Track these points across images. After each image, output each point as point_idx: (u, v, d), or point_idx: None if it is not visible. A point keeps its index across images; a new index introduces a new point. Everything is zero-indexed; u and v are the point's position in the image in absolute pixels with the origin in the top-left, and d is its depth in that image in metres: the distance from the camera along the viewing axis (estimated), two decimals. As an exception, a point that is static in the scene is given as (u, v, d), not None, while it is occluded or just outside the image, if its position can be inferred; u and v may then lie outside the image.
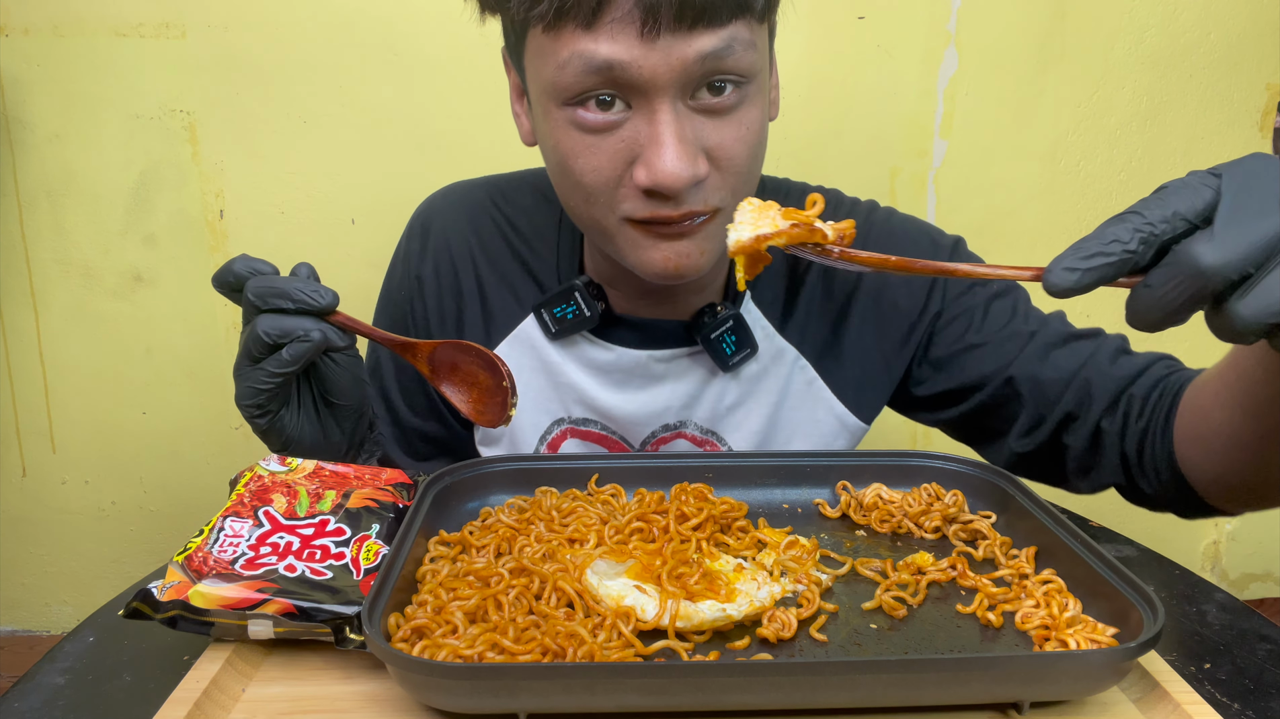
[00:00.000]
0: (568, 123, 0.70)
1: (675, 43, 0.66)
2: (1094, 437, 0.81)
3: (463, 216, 0.93)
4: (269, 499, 0.66)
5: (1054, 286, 0.45)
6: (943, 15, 1.67)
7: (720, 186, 0.72)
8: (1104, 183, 1.79)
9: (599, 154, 0.71)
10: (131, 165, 1.67)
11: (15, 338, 1.76)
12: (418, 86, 1.63)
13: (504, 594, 0.59)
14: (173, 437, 1.81)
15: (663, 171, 0.68)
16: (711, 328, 0.84)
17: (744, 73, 0.69)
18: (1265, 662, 0.62)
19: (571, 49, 0.67)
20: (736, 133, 0.71)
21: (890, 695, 0.52)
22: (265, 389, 0.69)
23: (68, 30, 1.60)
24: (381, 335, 0.74)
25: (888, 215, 0.92)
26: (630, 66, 0.66)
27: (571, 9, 0.65)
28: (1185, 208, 0.45)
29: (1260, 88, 1.77)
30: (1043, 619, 0.59)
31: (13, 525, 1.86)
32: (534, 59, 0.71)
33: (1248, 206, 0.44)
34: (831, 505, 0.76)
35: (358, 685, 0.57)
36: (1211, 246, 0.43)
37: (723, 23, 0.66)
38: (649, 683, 0.50)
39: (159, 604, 0.57)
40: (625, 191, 0.72)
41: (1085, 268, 0.45)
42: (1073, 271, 0.45)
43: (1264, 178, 0.45)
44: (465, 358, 0.74)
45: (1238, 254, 0.43)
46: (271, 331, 0.67)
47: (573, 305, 0.85)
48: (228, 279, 0.70)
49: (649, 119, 0.69)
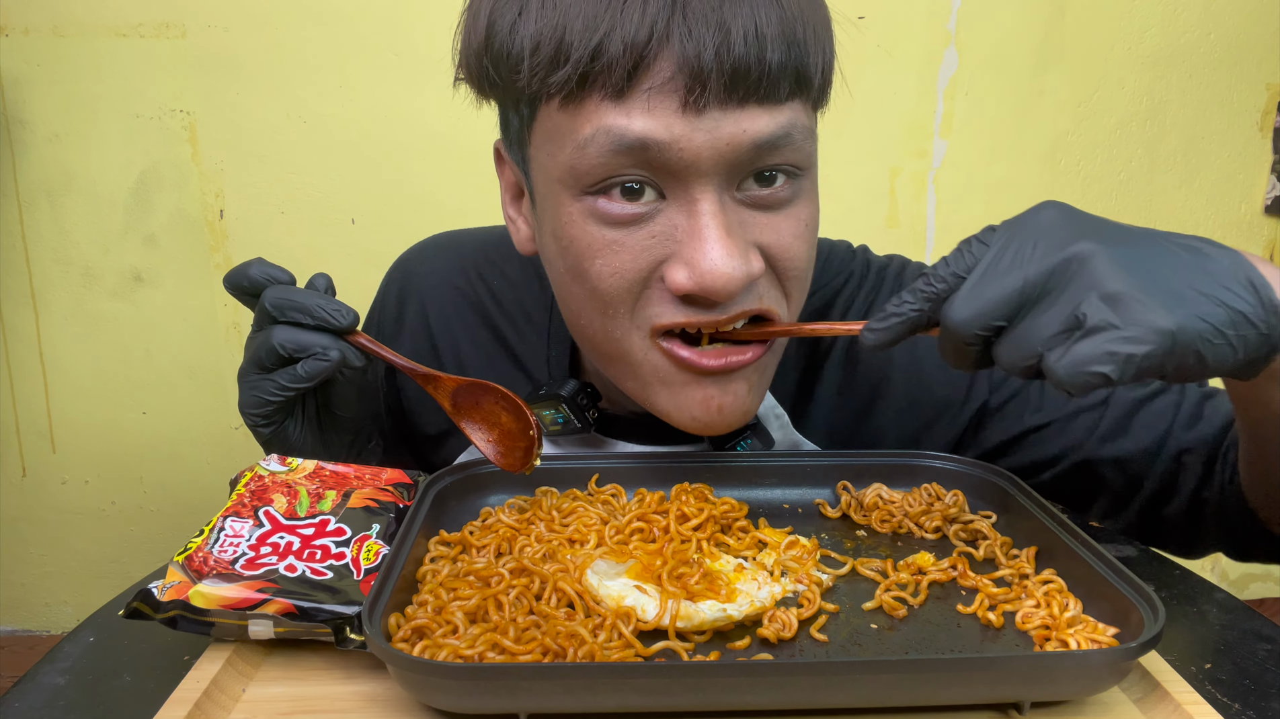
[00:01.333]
0: (586, 215, 0.59)
1: (724, 120, 0.55)
2: (1193, 507, 0.72)
3: (441, 292, 0.83)
4: (269, 499, 0.66)
5: (863, 346, 0.52)
6: (943, 15, 1.67)
7: (774, 292, 0.61)
8: (1104, 183, 1.79)
9: (622, 253, 0.58)
10: (131, 165, 1.67)
11: (15, 338, 1.76)
12: (418, 86, 1.64)
13: (504, 594, 0.59)
14: (173, 437, 1.81)
15: (711, 271, 0.56)
16: (726, 437, 0.73)
17: (800, 164, 0.60)
18: (1266, 662, 0.62)
19: (596, 124, 0.55)
20: (794, 229, 0.60)
21: (891, 695, 0.52)
22: (274, 401, 0.68)
23: (68, 30, 1.60)
24: (403, 364, 0.71)
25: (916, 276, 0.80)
26: (670, 147, 0.55)
27: (600, 75, 0.54)
28: (961, 266, 0.49)
29: (1260, 88, 1.77)
30: (1043, 619, 0.59)
31: (13, 525, 1.86)
32: (545, 143, 0.60)
33: (1000, 263, 0.46)
34: (832, 505, 0.76)
35: (358, 685, 0.57)
36: (955, 305, 0.47)
37: (779, 101, 0.56)
38: (649, 683, 0.50)
39: (159, 604, 0.57)
40: (651, 297, 0.60)
41: (883, 327, 0.51)
42: (874, 332, 0.51)
43: (1031, 231, 0.47)
44: (489, 398, 0.70)
45: (973, 311, 0.46)
46: (288, 345, 0.65)
47: (561, 413, 0.74)
48: (241, 283, 0.68)
49: (688, 210, 0.57)
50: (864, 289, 0.80)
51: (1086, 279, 0.44)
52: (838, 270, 0.81)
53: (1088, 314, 0.44)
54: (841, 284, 0.80)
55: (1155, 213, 1.81)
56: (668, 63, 0.54)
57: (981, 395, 0.77)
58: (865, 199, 1.78)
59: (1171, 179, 1.80)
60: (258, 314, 0.68)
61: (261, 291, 0.67)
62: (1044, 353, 0.45)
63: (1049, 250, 0.46)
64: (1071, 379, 0.44)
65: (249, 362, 0.69)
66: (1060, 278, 0.45)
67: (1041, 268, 0.45)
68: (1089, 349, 0.43)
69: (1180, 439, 0.72)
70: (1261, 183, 1.83)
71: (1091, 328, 0.43)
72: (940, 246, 1.79)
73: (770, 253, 0.60)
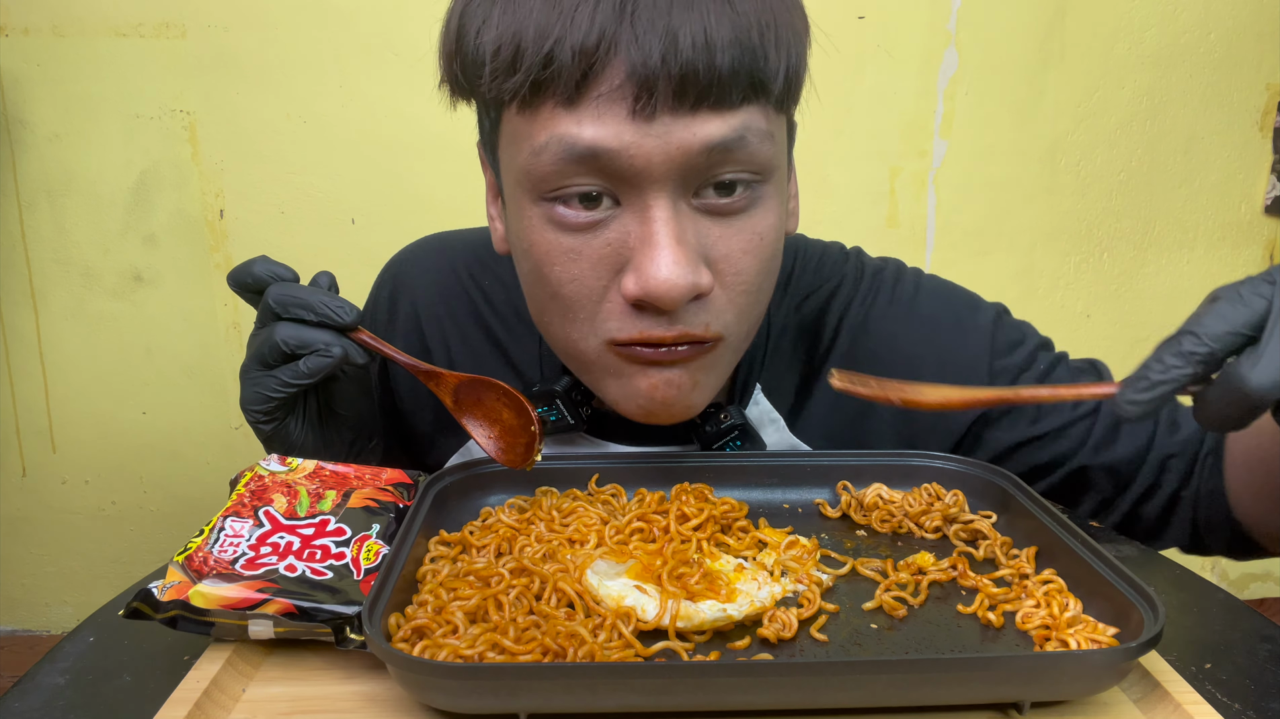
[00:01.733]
0: (544, 221, 0.59)
1: (674, 126, 0.55)
2: (1168, 505, 0.76)
3: (433, 291, 0.83)
4: (269, 499, 0.66)
5: (1125, 417, 0.48)
6: (943, 15, 1.67)
7: (724, 309, 0.61)
8: (1104, 183, 1.79)
9: (580, 260, 0.59)
10: (131, 165, 1.67)
11: (15, 338, 1.76)
12: (418, 86, 1.64)
13: (504, 594, 0.59)
14: (173, 437, 1.81)
15: (655, 279, 0.56)
16: (715, 436, 0.74)
17: (759, 169, 0.59)
18: (1266, 662, 0.62)
19: (550, 131, 0.56)
20: (747, 242, 0.60)
21: (890, 695, 0.52)
22: (276, 397, 0.68)
23: (68, 30, 1.60)
24: (405, 360, 0.71)
25: (914, 290, 0.79)
26: (620, 155, 0.55)
27: (550, 82, 0.55)
28: (1240, 323, 0.45)
29: (1260, 88, 1.77)
30: (1043, 619, 0.59)
31: (13, 525, 1.86)
32: (508, 146, 0.61)
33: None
34: (832, 505, 0.76)
35: (358, 685, 0.57)
36: (1257, 369, 0.43)
37: (733, 106, 0.56)
38: (650, 683, 0.50)
39: (159, 604, 0.57)
40: (610, 308, 0.60)
41: (1147, 398, 0.47)
42: (1135, 403, 0.47)
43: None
44: (491, 394, 0.70)
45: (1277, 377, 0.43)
46: (290, 341, 0.66)
47: (554, 410, 0.75)
48: (245, 280, 0.68)
49: (641, 217, 0.57)
50: (860, 292, 0.79)
51: None
52: (830, 273, 0.80)
53: None
54: (835, 287, 0.80)
55: (1155, 213, 1.82)
56: (617, 70, 0.54)
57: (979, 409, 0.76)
58: (865, 199, 1.78)
59: (1171, 179, 1.80)
60: (261, 311, 0.68)
61: (265, 289, 0.68)
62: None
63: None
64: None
65: (251, 358, 0.69)
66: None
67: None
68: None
69: (1164, 445, 0.75)
70: (1261, 183, 1.83)
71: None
72: (940, 246, 1.79)
73: (718, 268, 0.60)
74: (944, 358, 0.77)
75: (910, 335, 0.77)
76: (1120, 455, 0.75)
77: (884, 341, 0.77)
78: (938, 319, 0.78)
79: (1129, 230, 1.82)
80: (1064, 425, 0.76)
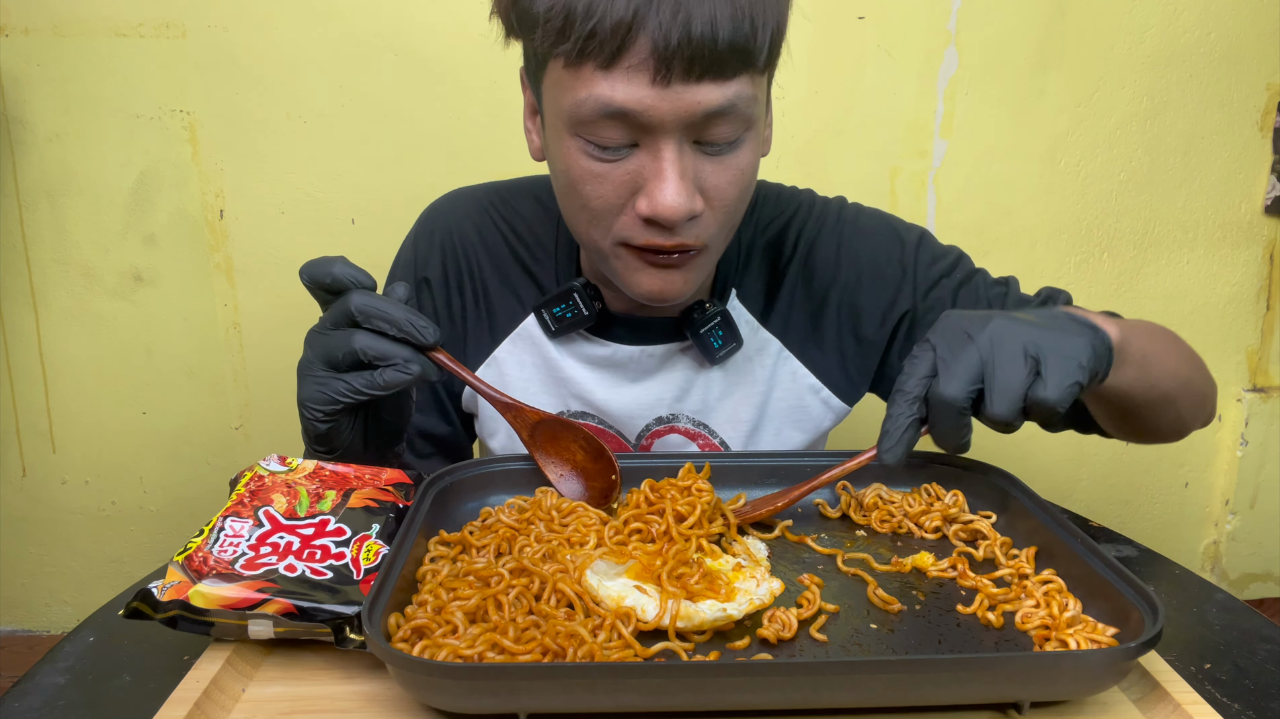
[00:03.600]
0: (579, 150, 0.74)
1: (685, 92, 0.69)
2: None
3: (467, 221, 0.96)
4: (269, 499, 0.66)
5: (889, 465, 0.65)
6: (943, 15, 1.67)
7: (711, 224, 0.77)
8: (1104, 183, 1.79)
9: (606, 183, 0.74)
10: (131, 165, 1.67)
11: (15, 338, 1.76)
12: (418, 86, 1.63)
13: (504, 594, 0.59)
14: (173, 436, 1.81)
15: (663, 204, 0.72)
16: (701, 324, 0.88)
17: (744, 124, 0.73)
18: (1266, 662, 0.62)
19: (589, 90, 0.70)
20: (731, 176, 0.75)
21: (890, 695, 0.52)
22: (344, 401, 0.70)
23: (68, 30, 1.60)
24: (485, 390, 0.75)
25: (856, 213, 0.96)
26: (642, 113, 0.70)
27: (594, 50, 0.68)
28: (924, 370, 0.64)
29: (1260, 88, 1.77)
30: (1043, 619, 0.59)
31: (13, 525, 1.86)
32: (553, 88, 0.74)
33: (953, 352, 0.63)
34: (831, 505, 0.76)
35: (358, 685, 0.57)
36: (942, 388, 0.63)
37: (728, 77, 0.70)
38: (649, 683, 0.50)
39: (159, 604, 0.57)
40: (626, 220, 0.76)
41: (896, 442, 0.65)
42: (892, 452, 0.65)
43: (951, 324, 0.65)
44: (567, 434, 0.75)
45: (958, 385, 0.62)
46: (369, 351, 0.68)
47: (571, 306, 0.89)
48: (324, 280, 0.70)
49: (654, 155, 0.72)
50: (813, 215, 0.95)
51: (1011, 332, 0.62)
52: (788, 204, 0.96)
53: (1042, 355, 0.62)
54: (793, 212, 0.95)
55: (1155, 213, 1.81)
56: (643, 47, 0.68)
57: (907, 303, 0.93)
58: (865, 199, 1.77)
59: (1171, 179, 1.80)
60: (335, 313, 0.70)
61: (342, 290, 0.70)
62: (1027, 392, 0.61)
63: (975, 326, 0.64)
64: (1062, 398, 0.61)
65: (317, 358, 0.70)
66: (993, 343, 0.62)
67: (984, 337, 0.63)
68: (1062, 375, 0.61)
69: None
70: (1261, 183, 1.82)
71: (1047, 354, 0.62)
72: (940, 246, 1.79)
73: (709, 194, 0.75)
74: (878, 263, 0.93)
75: (851, 246, 0.94)
76: None
77: (830, 252, 0.94)
78: (875, 232, 0.95)
79: (1129, 230, 1.81)
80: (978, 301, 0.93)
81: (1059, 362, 0.62)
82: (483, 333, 0.94)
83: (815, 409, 0.94)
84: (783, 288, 0.94)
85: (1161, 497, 1.97)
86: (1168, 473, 1.96)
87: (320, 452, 0.75)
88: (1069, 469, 1.92)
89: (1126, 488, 1.95)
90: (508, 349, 0.93)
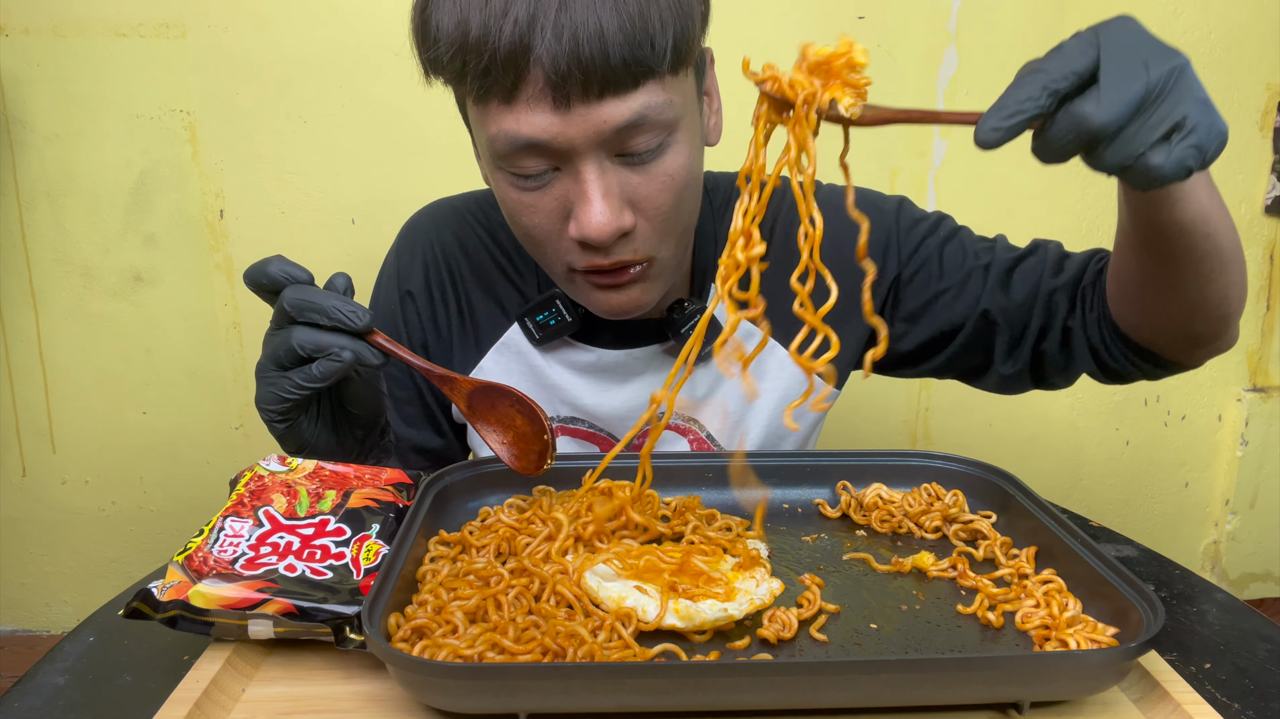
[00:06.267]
0: (507, 183, 0.74)
1: (589, 112, 0.68)
2: (1064, 337, 0.87)
3: (448, 231, 0.96)
4: (269, 499, 0.66)
5: (985, 143, 0.56)
6: (943, 15, 1.67)
7: (649, 235, 0.75)
8: (1104, 183, 1.79)
9: (538, 212, 0.74)
10: (131, 165, 1.67)
11: (15, 338, 1.76)
12: (418, 86, 1.63)
13: (504, 594, 0.59)
14: (173, 436, 1.81)
15: (589, 225, 0.71)
16: (682, 323, 0.87)
17: (663, 128, 0.72)
18: (1265, 662, 0.62)
19: (499, 126, 0.70)
20: (660, 184, 0.73)
21: (890, 695, 0.52)
22: (290, 398, 0.70)
23: (68, 30, 1.60)
24: (421, 365, 0.73)
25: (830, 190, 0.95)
26: (550, 141, 0.69)
27: (491, 87, 0.68)
28: (1079, 66, 0.53)
29: (1260, 88, 1.77)
30: (1043, 619, 0.59)
31: (13, 525, 1.86)
32: (475, 124, 0.75)
33: (1123, 69, 0.52)
34: (831, 505, 0.76)
35: (358, 685, 0.57)
36: (1098, 107, 0.52)
37: (630, 89, 0.68)
38: (649, 683, 0.50)
39: (159, 604, 0.57)
40: (565, 245, 0.75)
41: (1007, 125, 0.55)
42: (997, 130, 0.55)
43: (1131, 39, 0.54)
44: (504, 401, 0.73)
45: (1113, 114, 0.52)
46: (306, 345, 0.68)
47: (555, 313, 0.88)
48: (260, 280, 0.70)
49: (575, 178, 0.71)
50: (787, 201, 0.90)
51: (1185, 88, 0.52)
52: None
53: (1189, 117, 0.52)
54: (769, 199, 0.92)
55: (1155, 213, 1.82)
56: (537, 75, 0.67)
57: (894, 269, 0.92)
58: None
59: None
60: (276, 313, 0.70)
61: (280, 289, 0.69)
62: (1145, 151, 0.53)
63: (1157, 60, 0.53)
64: (1174, 170, 0.53)
65: (267, 358, 0.70)
66: (1166, 85, 0.52)
67: (1157, 76, 0.52)
68: (1186, 147, 0.52)
69: (1049, 284, 0.87)
70: (1261, 183, 1.82)
71: (1191, 129, 0.52)
72: (940, 246, 1.79)
73: (640, 206, 0.74)
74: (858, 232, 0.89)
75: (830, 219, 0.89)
76: (1014, 298, 0.88)
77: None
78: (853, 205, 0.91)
79: (1129, 230, 1.82)
80: (965, 278, 0.90)
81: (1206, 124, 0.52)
82: (468, 343, 0.94)
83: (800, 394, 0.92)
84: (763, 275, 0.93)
85: (1161, 497, 1.97)
86: (1168, 473, 1.96)
87: (293, 451, 0.75)
88: (1069, 469, 1.92)
89: (1126, 488, 1.95)
90: (494, 359, 0.93)
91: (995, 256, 0.90)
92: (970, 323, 0.90)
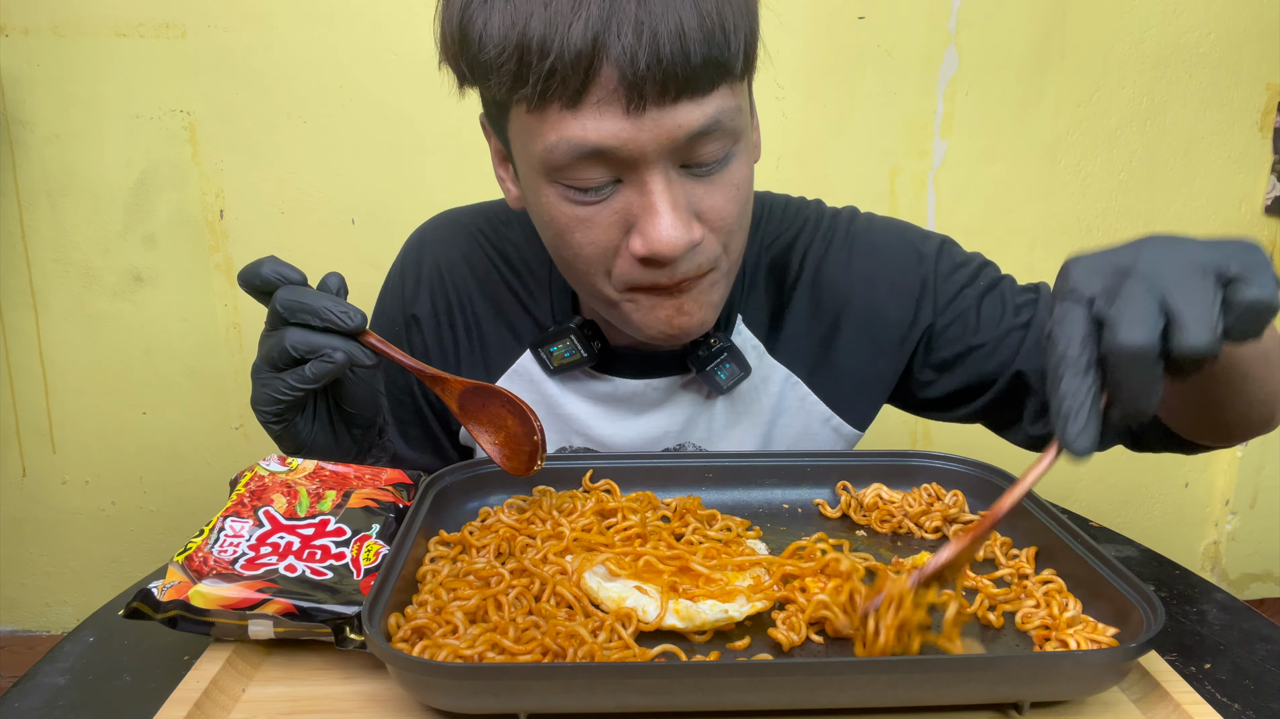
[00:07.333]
0: (560, 198, 0.69)
1: (662, 117, 0.64)
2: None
3: (455, 250, 0.92)
4: (269, 499, 0.66)
5: (1080, 457, 0.49)
6: (943, 15, 1.67)
7: (714, 247, 0.72)
8: (1104, 183, 1.79)
9: (594, 228, 0.69)
10: (131, 165, 1.67)
11: (15, 338, 1.76)
12: (418, 86, 1.64)
13: (504, 594, 0.59)
14: (173, 436, 1.81)
15: (659, 240, 0.66)
16: (706, 360, 0.84)
17: (732, 138, 0.68)
18: (1265, 662, 0.62)
19: (559, 133, 0.65)
20: (726, 194, 0.70)
21: (890, 695, 0.52)
22: (285, 399, 0.69)
23: (68, 30, 1.60)
24: (413, 365, 0.72)
25: (868, 225, 0.90)
26: (620, 149, 0.64)
27: (556, 89, 0.63)
28: (1081, 329, 0.49)
29: (1260, 88, 1.77)
30: (1043, 619, 0.59)
31: (13, 525, 1.86)
32: (520, 135, 0.69)
33: (1113, 294, 0.48)
34: (831, 505, 0.76)
35: (358, 685, 0.57)
36: (1123, 335, 0.47)
37: (706, 92, 0.64)
38: (649, 683, 0.50)
39: (159, 604, 0.57)
40: (623, 262, 0.71)
41: (1086, 426, 0.49)
42: (1083, 436, 0.49)
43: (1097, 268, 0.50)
44: (495, 401, 0.72)
45: (1142, 323, 0.47)
46: (299, 346, 0.67)
47: (569, 346, 0.84)
48: (254, 281, 0.69)
49: (641, 189, 0.67)
50: (820, 230, 0.89)
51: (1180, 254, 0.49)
52: (794, 218, 0.90)
53: (1223, 266, 0.47)
54: (799, 229, 0.89)
55: (1155, 213, 1.81)
56: (610, 75, 0.62)
57: (928, 318, 0.86)
58: (865, 199, 1.77)
59: (1171, 179, 1.80)
60: (270, 314, 0.69)
61: (274, 290, 0.68)
62: (1220, 319, 0.47)
63: (1129, 262, 0.49)
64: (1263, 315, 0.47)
65: (261, 359, 0.70)
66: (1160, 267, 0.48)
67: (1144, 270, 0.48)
68: (1257, 289, 0.47)
69: None
70: (1261, 183, 1.83)
71: (1237, 277, 0.47)
72: (940, 246, 1.79)
73: (707, 217, 0.70)
74: (894, 279, 0.86)
75: (864, 261, 0.87)
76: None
77: (840, 270, 0.87)
78: (889, 246, 0.88)
79: (1129, 230, 1.82)
80: (1002, 335, 0.84)
81: (1251, 268, 0.48)
82: (478, 369, 0.90)
83: (824, 436, 0.90)
84: (790, 311, 0.88)
85: (1161, 497, 1.97)
86: (1168, 473, 1.96)
87: (290, 452, 0.74)
88: (1069, 469, 1.92)
89: (1126, 488, 1.95)
90: (504, 385, 0.87)
91: (1036, 315, 0.84)
92: (1003, 380, 0.85)
